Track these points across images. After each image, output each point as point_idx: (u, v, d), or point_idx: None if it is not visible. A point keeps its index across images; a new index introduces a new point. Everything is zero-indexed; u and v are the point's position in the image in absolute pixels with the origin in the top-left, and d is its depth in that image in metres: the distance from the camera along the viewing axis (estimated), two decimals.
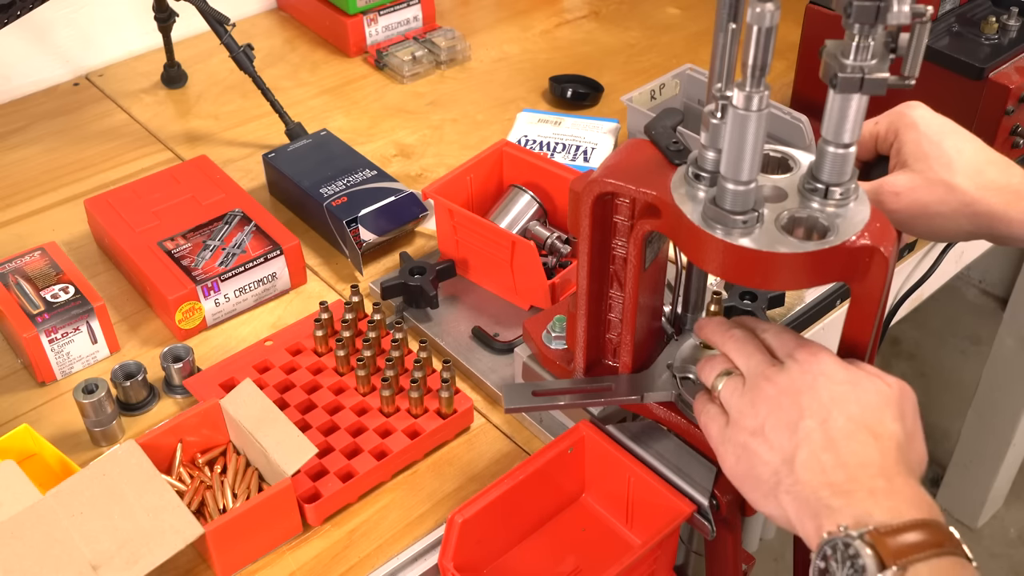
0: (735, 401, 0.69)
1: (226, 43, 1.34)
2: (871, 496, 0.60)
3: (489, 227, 1.10)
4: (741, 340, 0.72)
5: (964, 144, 0.77)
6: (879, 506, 0.59)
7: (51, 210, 1.29)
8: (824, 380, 0.66)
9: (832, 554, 0.58)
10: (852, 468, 0.61)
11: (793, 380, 0.66)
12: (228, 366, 1.02)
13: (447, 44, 1.59)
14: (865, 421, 0.64)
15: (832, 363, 0.67)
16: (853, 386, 0.66)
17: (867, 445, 0.63)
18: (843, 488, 0.61)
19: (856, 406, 0.65)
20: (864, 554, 0.56)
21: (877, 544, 0.57)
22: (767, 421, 0.66)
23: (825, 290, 1.11)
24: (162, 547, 0.81)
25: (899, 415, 0.65)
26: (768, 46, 0.61)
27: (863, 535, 0.57)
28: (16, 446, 0.91)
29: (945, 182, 0.76)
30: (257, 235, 1.14)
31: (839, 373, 0.66)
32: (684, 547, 0.94)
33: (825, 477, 0.62)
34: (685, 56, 1.62)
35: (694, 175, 0.70)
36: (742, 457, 0.67)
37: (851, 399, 0.65)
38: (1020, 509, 2.21)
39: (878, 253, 0.65)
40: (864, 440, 0.63)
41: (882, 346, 0.91)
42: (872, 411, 0.64)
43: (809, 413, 0.64)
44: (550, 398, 0.84)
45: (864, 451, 0.62)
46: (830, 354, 0.68)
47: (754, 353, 0.70)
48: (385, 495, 0.94)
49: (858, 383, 0.66)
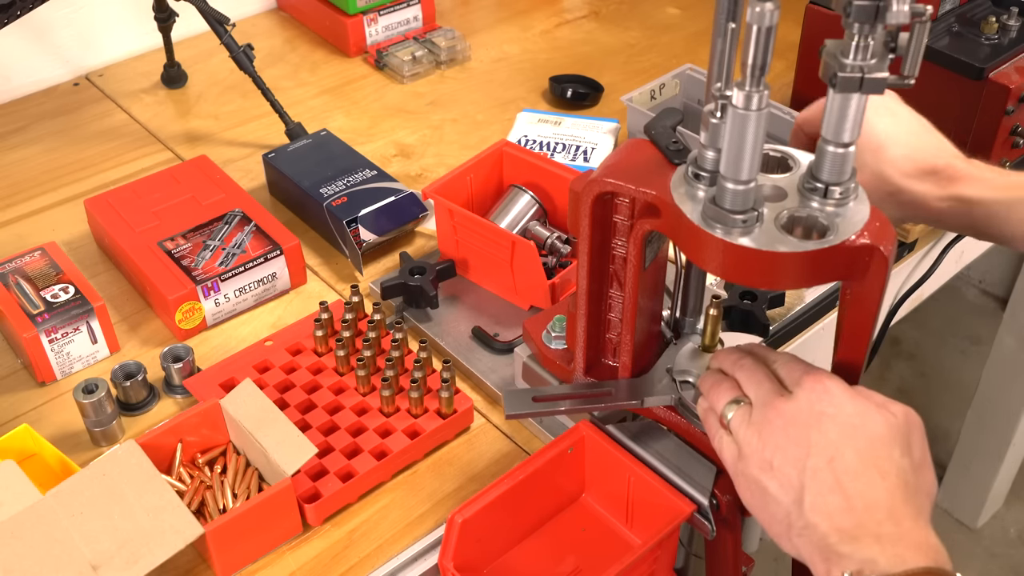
0: (743, 432, 0.68)
1: (226, 43, 1.34)
2: (877, 542, 0.60)
3: (489, 227, 1.10)
4: (751, 368, 0.71)
5: (898, 128, 0.78)
6: (884, 553, 0.59)
7: (51, 210, 1.29)
8: (832, 413, 0.65)
9: None
10: (859, 512, 0.61)
11: (800, 411, 0.66)
12: (228, 366, 1.02)
13: (447, 44, 1.59)
14: (873, 458, 0.63)
15: (840, 394, 0.66)
16: (861, 419, 0.64)
17: (874, 485, 0.62)
18: (851, 534, 0.61)
19: (864, 441, 0.63)
20: None
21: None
22: (775, 456, 0.65)
23: (825, 290, 1.11)
24: (162, 547, 0.81)
25: (907, 447, 0.64)
26: (768, 46, 0.61)
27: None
28: (16, 446, 0.91)
29: (874, 171, 0.77)
30: (257, 235, 1.14)
31: (847, 405, 0.65)
32: (684, 550, 0.94)
33: (833, 522, 0.62)
34: (685, 56, 1.62)
35: (694, 175, 0.70)
36: (755, 492, 0.67)
37: (859, 435, 0.64)
38: (1020, 509, 2.20)
39: (878, 252, 0.65)
40: (871, 480, 0.62)
41: (882, 346, 0.91)
42: (880, 446, 0.64)
43: (816, 450, 0.64)
44: (550, 404, 0.84)
45: (871, 492, 0.62)
46: (839, 383, 0.67)
47: (763, 382, 0.69)
48: (385, 495, 0.94)
49: (866, 415, 0.65)
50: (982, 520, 2.16)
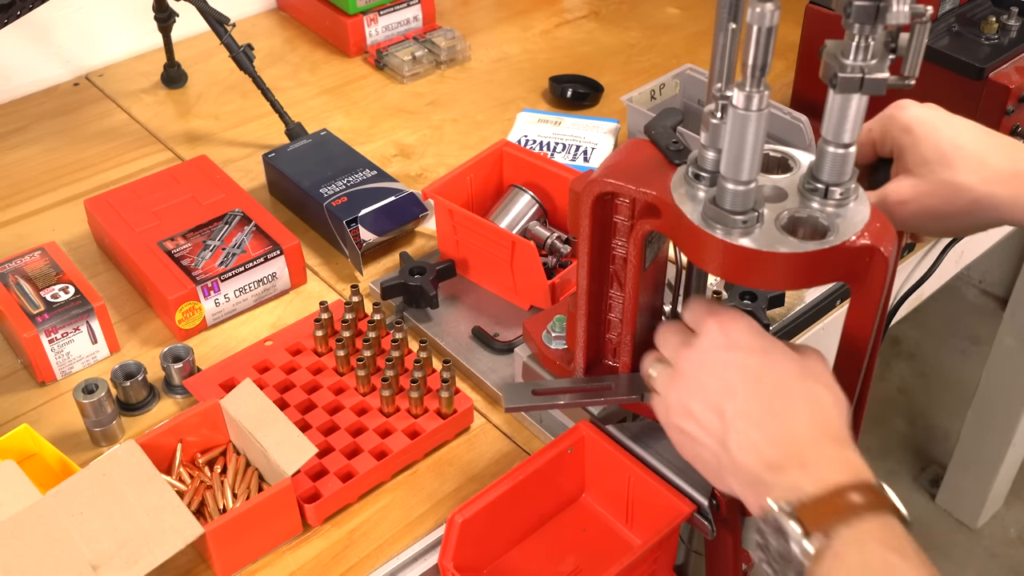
0: (664, 388, 0.71)
1: (226, 43, 1.34)
2: (801, 468, 0.61)
3: (489, 227, 1.10)
4: (663, 330, 0.73)
5: (963, 136, 0.76)
6: (808, 476, 0.61)
7: (51, 210, 1.29)
8: (739, 354, 0.66)
9: (767, 529, 0.61)
10: (782, 443, 0.63)
11: (706, 355, 0.68)
12: (228, 366, 1.02)
13: (447, 44, 1.59)
14: (787, 389, 0.65)
15: (744, 332, 0.67)
16: (767, 356, 0.66)
17: (794, 416, 0.64)
18: (776, 464, 0.63)
19: (775, 374, 0.65)
20: (790, 527, 0.59)
21: (801, 516, 0.59)
22: (692, 403, 0.68)
23: (825, 290, 1.11)
24: (162, 547, 0.81)
25: (817, 374, 0.66)
26: (768, 46, 0.61)
27: (791, 511, 0.59)
28: (16, 446, 0.91)
29: (949, 183, 0.75)
30: (257, 235, 1.14)
31: (753, 340, 0.67)
32: (684, 547, 0.94)
33: (759, 456, 0.63)
34: (685, 56, 1.62)
35: (694, 175, 0.70)
36: (683, 441, 0.70)
37: (770, 369, 0.66)
38: (1020, 509, 2.20)
39: (878, 253, 0.65)
40: (790, 411, 0.64)
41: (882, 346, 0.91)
42: (792, 377, 0.65)
43: (731, 391, 0.65)
44: (550, 397, 0.84)
45: (791, 422, 0.64)
46: (741, 321, 0.68)
47: (671, 337, 0.72)
48: (385, 495, 0.94)
49: (772, 350, 0.66)
50: (982, 520, 2.16)
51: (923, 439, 2.36)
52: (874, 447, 2.32)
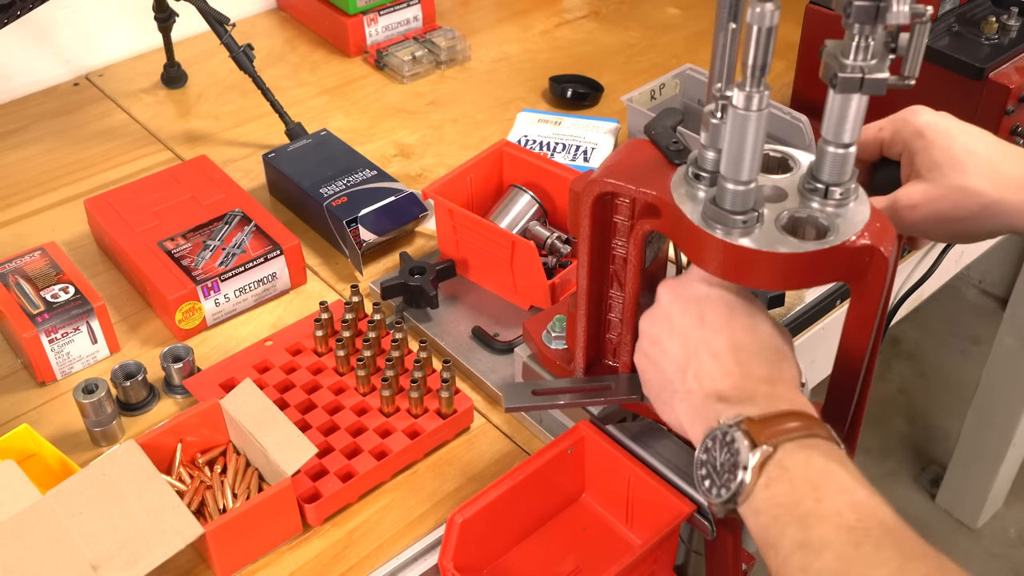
0: (643, 319, 0.74)
1: (226, 43, 1.34)
2: (752, 400, 0.64)
3: (489, 227, 1.10)
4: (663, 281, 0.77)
5: (975, 143, 0.76)
6: (757, 405, 0.63)
7: (51, 210, 1.29)
8: (717, 289, 0.69)
9: (712, 445, 0.63)
10: (737, 376, 0.66)
11: (685, 288, 0.71)
12: (228, 366, 1.02)
13: (447, 44, 1.59)
14: (755, 335, 0.68)
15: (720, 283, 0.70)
16: (743, 296, 0.70)
17: (756, 358, 0.67)
18: (728, 395, 0.65)
19: (746, 315, 0.68)
20: (738, 438, 0.61)
21: (751, 429, 0.61)
22: (662, 331, 0.71)
23: (825, 290, 1.11)
24: (162, 547, 0.81)
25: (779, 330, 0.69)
26: (768, 46, 0.61)
27: (739, 423, 0.62)
28: (16, 446, 0.91)
29: (961, 187, 0.75)
30: (257, 235, 1.14)
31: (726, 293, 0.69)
32: (684, 546, 0.94)
33: (713, 385, 0.66)
34: (685, 56, 1.62)
35: (694, 175, 0.70)
36: (648, 369, 0.73)
37: (741, 309, 0.69)
38: (1020, 509, 2.20)
39: (878, 253, 0.65)
40: (750, 352, 0.67)
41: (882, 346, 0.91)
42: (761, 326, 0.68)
43: (700, 323, 0.68)
44: (550, 397, 0.84)
45: (753, 363, 0.66)
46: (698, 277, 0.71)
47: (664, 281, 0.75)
48: (385, 495, 0.94)
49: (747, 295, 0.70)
50: (982, 520, 2.16)
51: (923, 439, 2.36)
52: (874, 447, 2.32)
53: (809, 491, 0.58)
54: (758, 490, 0.60)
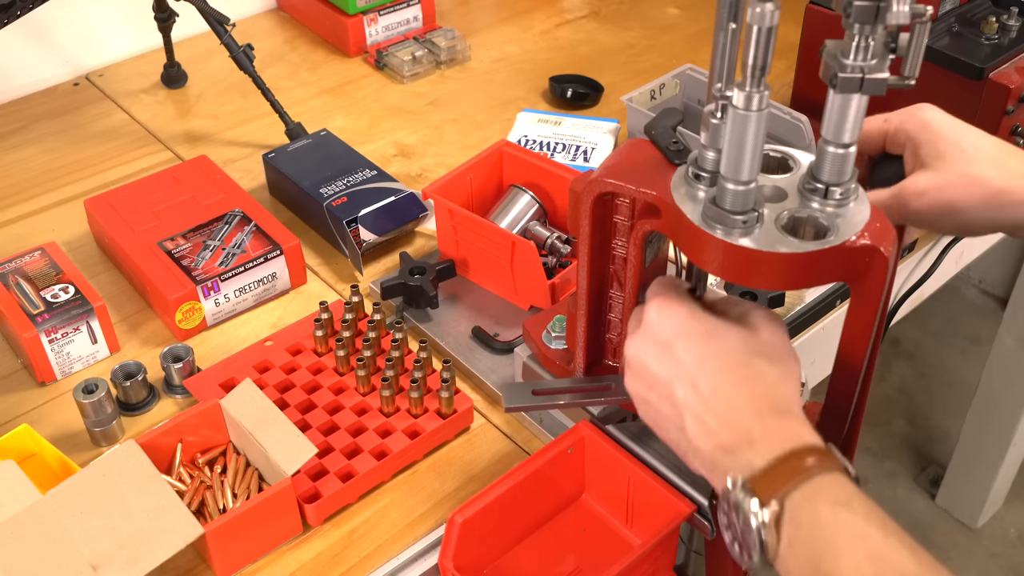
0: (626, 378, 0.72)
1: (226, 43, 1.34)
2: (750, 446, 0.63)
3: (489, 227, 1.10)
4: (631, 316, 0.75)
5: (981, 140, 0.78)
6: (756, 452, 0.62)
7: (51, 210, 1.29)
8: (680, 341, 0.67)
9: (728, 508, 0.62)
10: (732, 424, 0.64)
11: (648, 346, 0.69)
12: (228, 366, 1.02)
13: (447, 44, 1.59)
14: (731, 371, 0.66)
15: (684, 319, 0.68)
16: (708, 340, 0.67)
17: (738, 396, 0.65)
18: (729, 446, 0.64)
19: (718, 358, 0.66)
20: (746, 501, 0.61)
21: (755, 488, 0.61)
22: (649, 395, 0.70)
23: (825, 290, 1.11)
24: (162, 547, 0.81)
25: (760, 351, 0.67)
26: (768, 46, 0.61)
27: (744, 484, 0.61)
28: (16, 446, 0.91)
29: (969, 175, 0.76)
30: (257, 235, 1.14)
31: (693, 327, 0.68)
32: (684, 547, 0.94)
33: (714, 440, 0.65)
34: (685, 56, 1.62)
35: (694, 175, 0.70)
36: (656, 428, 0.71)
37: (712, 353, 0.66)
38: (1020, 509, 2.20)
39: (878, 253, 0.65)
40: (735, 392, 0.65)
41: (882, 346, 0.91)
42: (734, 357, 0.66)
43: (677, 380, 0.67)
44: (550, 397, 0.84)
45: (737, 403, 0.65)
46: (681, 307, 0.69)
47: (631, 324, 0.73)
48: (385, 495, 0.94)
49: (713, 335, 0.67)
50: (982, 520, 2.16)
51: (923, 439, 2.36)
52: (874, 447, 2.32)
53: (826, 547, 0.58)
54: (783, 549, 0.59)
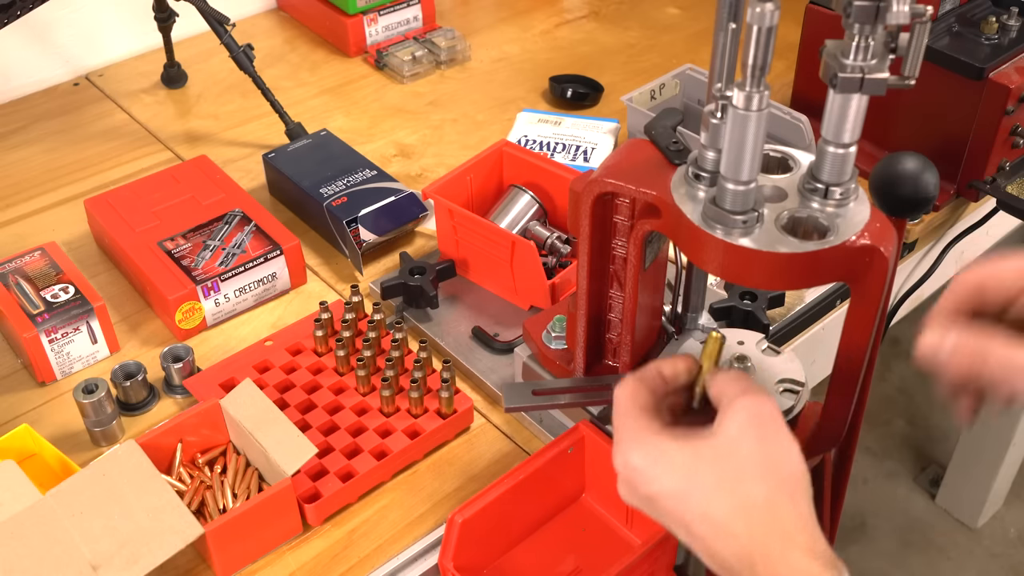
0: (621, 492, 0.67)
1: (226, 43, 1.34)
2: (752, 569, 0.58)
3: (489, 227, 1.10)
4: None
5: None
6: None
7: (51, 210, 1.29)
8: (661, 496, 0.62)
9: None
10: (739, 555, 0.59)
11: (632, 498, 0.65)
12: (228, 366, 1.02)
13: (447, 44, 1.59)
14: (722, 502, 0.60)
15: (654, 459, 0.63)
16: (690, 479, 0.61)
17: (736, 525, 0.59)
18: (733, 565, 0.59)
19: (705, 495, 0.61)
20: None
21: None
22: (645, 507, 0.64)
23: (825, 290, 1.11)
24: (162, 547, 0.81)
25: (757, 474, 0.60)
26: (768, 46, 0.61)
27: None
28: (16, 446, 0.91)
29: None
30: (257, 235, 1.14)
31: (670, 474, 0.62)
32: (684, 546, 0.94)
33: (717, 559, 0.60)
34: (685, 56, 1.62)
35: (694, 175, 0.70)
36: None
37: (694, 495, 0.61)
38: (1020, 509, 2.20)
39: (878, 253, 0.65)
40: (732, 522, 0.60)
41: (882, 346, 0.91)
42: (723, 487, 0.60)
43: (673, 526, 0.62)
44: (550, 397, 0.84)
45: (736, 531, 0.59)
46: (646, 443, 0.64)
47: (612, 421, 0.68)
48: (385, 495, 0.94)
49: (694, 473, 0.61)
50: (982, 520, 2.16)
51: (923, 439, 2.36)
52: (874, 447, 2.32)
53: None
54: None
